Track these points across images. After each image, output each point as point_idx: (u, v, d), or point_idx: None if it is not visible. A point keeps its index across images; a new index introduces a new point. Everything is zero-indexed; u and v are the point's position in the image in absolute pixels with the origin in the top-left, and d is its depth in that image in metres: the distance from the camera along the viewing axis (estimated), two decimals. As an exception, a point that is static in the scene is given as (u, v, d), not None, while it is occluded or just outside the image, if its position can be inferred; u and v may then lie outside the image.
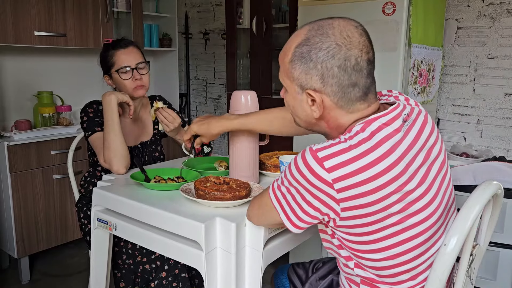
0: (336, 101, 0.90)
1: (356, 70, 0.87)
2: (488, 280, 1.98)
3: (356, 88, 0.89)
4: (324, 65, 0.87)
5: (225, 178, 1.34)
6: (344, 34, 0.87)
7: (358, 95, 0.90)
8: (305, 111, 0.95)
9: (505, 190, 1.06)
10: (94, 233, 1.42)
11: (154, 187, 1.37)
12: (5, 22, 2.34)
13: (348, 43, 0.86)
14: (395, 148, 0.85)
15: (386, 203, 0.84)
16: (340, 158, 0.83)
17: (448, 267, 0.84)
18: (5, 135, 2.36)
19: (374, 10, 2.01)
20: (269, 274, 1.61)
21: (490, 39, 2.34)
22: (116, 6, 2.95)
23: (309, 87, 0.90)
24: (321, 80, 0.88)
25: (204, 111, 3.83)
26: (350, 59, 0.86)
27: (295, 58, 0.90)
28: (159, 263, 1.44)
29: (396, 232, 0.88)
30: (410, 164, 0.87)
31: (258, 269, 1.11)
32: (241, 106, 1.38)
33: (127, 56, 1.66)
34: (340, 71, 0.87)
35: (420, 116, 0.96)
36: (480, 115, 2.42)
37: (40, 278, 2.48)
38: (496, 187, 0.89)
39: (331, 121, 0.93)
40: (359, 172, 0.82)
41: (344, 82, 0.87)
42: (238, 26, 3.24)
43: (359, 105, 0.91)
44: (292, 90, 0.95)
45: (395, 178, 0.84)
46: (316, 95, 0.90)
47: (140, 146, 1.79)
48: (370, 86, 0.91)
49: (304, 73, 0.89)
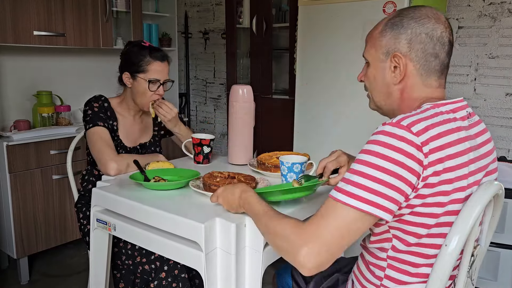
0: (418, 68, 0.96)
1: (440, 42, 0.96)
2: (488, 280, 1.97)
3: (437, 59, 0.96)
4: (414, 30, 0.95)
5: (229, 172, 1.39)
6: (433, 11, 0.97)
7: (437, 68, 0.97)
8: (385, 78, 1.00)
9: (506, 190, 1.06)
10: (93, 234, 1.41)
11: (154, 187, 1.37)
12: (4, 21, 2.33)
13: (437, 18, 0.96)
14: (461, 129, 0.91)
15: (463, 172, 0.87)
16: (423, 124, 0.86)
17: (449, 268, 0.84)
18: (4, 135, 2.36)
19: (374, 10, 2.00)
20: (269, 275, 1.60)
21: (491, 39, 2.33)
22: (115, 6, 2.94)
23: (396, 51, 0.97)
24: (409, 44, 0.96)
25: (204, 111, 3.83)
26: (437, 30, 0.95)
27: (386, 27, 0.99)
28: (159, 263, 1.44)
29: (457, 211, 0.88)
30: (473, 149, 0.92)
31: (258, 270, 1.11)
32: (239, 98, 1.65)
33: (161, 70, 1.69)
34: (427, 38, 0.95)
35: (480, 124, 1.02)
36: (481, 115, 2.41)
37: (40, 278, 2.47)
38: (497, 188, 0.89)
39: (406, 91, 0.99)
40: (442, 136, 0.86)
41: (429, 50, 0.95)
42: (238, 25, 3.24)
43: (434, 80, 0.98)
44: (375, 60, 1.01)
45: (467, 150, 0.89)
46: (401, 59, 0.96)
47: (139, 147, 1.79)
48: (447, 66, 0.99)
49: (394, 38, 0.97)
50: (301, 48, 2.34)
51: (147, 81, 1.66)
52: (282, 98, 2.99)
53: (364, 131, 2.15)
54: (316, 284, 1.24)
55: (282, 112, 2.93)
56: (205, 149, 1.66)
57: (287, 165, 1.34)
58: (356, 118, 2.13)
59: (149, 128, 1.85)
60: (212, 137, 1.68)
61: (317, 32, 2.24)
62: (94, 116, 1.66)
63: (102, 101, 1.72)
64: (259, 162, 1.57)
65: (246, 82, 3.32)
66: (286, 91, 3.02)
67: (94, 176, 1.77)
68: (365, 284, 1.03)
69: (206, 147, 1.66)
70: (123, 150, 1.73)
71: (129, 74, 1.69)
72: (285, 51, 3.02)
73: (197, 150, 1.68)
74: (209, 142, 1.67)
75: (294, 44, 2.58)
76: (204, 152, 1.67)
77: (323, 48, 2.24)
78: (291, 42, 2.84)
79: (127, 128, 1.76)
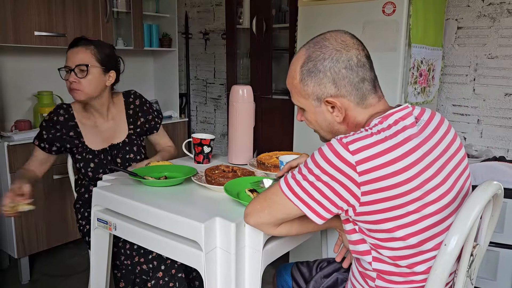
0: (353, 99, 0.98)
1: (360, 66, 0.97)
2: (488, 280, 1.97)
3: (365, 82, 0.98)
4: (332, 71, 0.96)
5: (234, 167, 1.45)
6: (338, 40, 0.98)
7: (369, 88, 0.98)
8: (327, 120, 1.02)
9: (505, 190, 1.06)
10: (94, 233, 1.42)
11: (154, 184, 1.38)
12: (5, 22, 2.34)
13: (345, 46, 0.97)
14: (412, 137, 0.91)
15: (407, 188, 0.87)
16: (363, 142, 0.88)
17: (449, 267, 0.84)
18: (5, 135, 2.36)
19: (374, 10, 2.01)
20: (269, 274, 1.61)
21: (490, 39, 2.34)
22: (116, 6, 2.95)
23: (326, 96, 0.98)
24: (334, 85, 0.97)
25: (204, 111, 3.83)
26: (352, 58, 0.96)
27: (303, 76, 0.99)
28: (156, 263, 1.44)
29: (415, 221, 0.90)
30: (427, 154, 0.91)
31: (258, 269, 1.11)
32: (239, 98, 1.67)
33: (71, 56, 1.61)
34: (347, 71, 0.96)
35: (435, 117, 1.03)
36: (480, 115, 2.42)
37: (40, 278, 2.48)
38: (496, 187, 0.89)
39: (351, 121, 1.01)
40: (381, 155, 0.87)
41: (354, 79, 0.96)
42: (238, 26, 3.24)
43: (372, 99, 0.99)
44: (310, 107, 1.02)
45: (414, 163, 0.88)
46: (334, 100, 0.98)
47: (109, 149, 1.71)
48: (375, 78, 1.01)
49: (317, 85, 0.98)
50: (301, 48, 2.34)
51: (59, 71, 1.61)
52: (282, 98, 3.00)
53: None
54: (316, 283, 1.25)
55: (282, 112, 2.93)
56: (205, 149, 1.67)
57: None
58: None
59: (123, 127, 1.76)
60: (213, 137, 1.69)
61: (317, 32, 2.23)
62: (38, 132, 1.69)
63: (60, 110, 1.69)
64: (259, 162, 1.58)
65: (246, 82, 3.32)
66: (286, 91, 3.02)
67: (85, 180, 1.76)
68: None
69: (207, 147, 1.67)
70: (90, 155, 1.67)
71: None
72: (285, 52, 3.03)
73: (197, 150, 1.69)
74: (209, 142, 1.68)
75: (294, 44, 2.58)
76: (204, 152, 1.68)
77: (323, 49, 2.24)
78: (291, 42, 2.84)
79: (92, 132, 1.70)
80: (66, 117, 1.69)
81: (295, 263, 1.39)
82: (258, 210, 1.01)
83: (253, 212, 1.02)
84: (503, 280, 1.95)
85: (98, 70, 1.62)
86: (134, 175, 1.43)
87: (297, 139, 2.39)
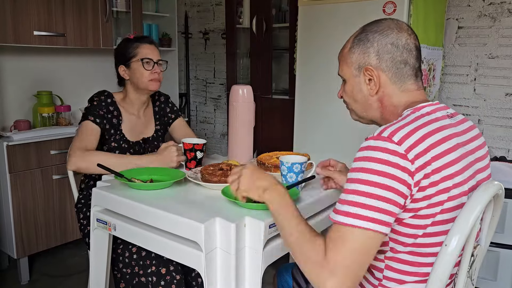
0: (391, 76, 1.01)
1: (406, 49, 1.00)
2: (488, 280, 1.97)
3: (407, 66, 1.01)
4: (379, 42, 1.00)
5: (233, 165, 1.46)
6: (394, 22, 1.03)
7: (409, 73, 1.01)
8: (362, 92, 1.05)
9: (505, 190, 1.05)
10: (93, 234, 1.41)
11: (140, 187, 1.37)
12: (4, 22, 2.33)
13: (399, 27, 1.02)
14: (448, 127, 0.93)
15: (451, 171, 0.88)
16: (404, 130, 0.88)
17: (449, 268, 0.84)
18: (5, 135, 2.36)
19: (374, 10, 2.00)
20: (269, 275, 1.60)
21: (490, 39, 2.34)
22: (115, 6, 2.94)
23: (366, 64, 1.02)
24: (377, 56, 1.01)
25: (204, 111, 3.83)
26: (401, 38, 1.00)
27: (354, 44, 1.04)
28: (155, 278, 1.42)
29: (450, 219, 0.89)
30: (461, 145, 0.93)
31: (258, 270, 1.11)
32: (239, 98, 1.66)
33: (151, 51, 1.74)
34: (393, 47, 1.00)
35: (467, 122, 1.04)
36: (481, 115, 2.41)
37: (40, 278, 2.47)
38: (497, 188, 0.89)
39: (385, 100, 1.03)
40: (425, 139, 0.87)
41: (397, 57, 1.00)
42: (238, 25, 3.24)
43: (410, 84, 1.02)
44: (350, 76, 1.06)
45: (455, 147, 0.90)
46: (373, 71, 1.01)
47: (142, 142, 1.81)
48: (419, 69, 1.03)
49: (362, 53, 1.02)
50: (301, 48, 2.34)
51: (140, 61, 1.70)
52: (282, 98, 2.99)
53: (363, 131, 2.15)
54: None
55: (282, 112, 2.93)
56: (198, 154, 1.60)
57: (287, 165, 1.34)
58: (356, 118, 2.13)
59: (152, 123, 1.87)
60: (205, 141, 1.63)
61: (317, 32, 2.24)
62: (88, 111, 1.69)
63: (105, 96, 1.74)
64: (259, 162, 1.58)
65: (246, 82, 3.32)
66: (286, 91, 3.02)
67: (93, 178, 1.76)
68: (365, 284, 1.03)
69: (199, 152, 1.60)
70: (126, 144, 1.74)
71: (123, 66, 1.74)
72: (285, 51, 3.02)
73: (189, 156, 1.59)
74: (202, 147, 1.61)
75: (294, 44, 2.58)
76: (197, 157, 1.60)
77: (323, 48, 2.24)
78: (291, 42, 2.83)
79: (130, 123, 1.78)
80: (109, 102, 1.74)
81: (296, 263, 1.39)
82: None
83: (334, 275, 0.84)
84: (504, 280, 1.94)
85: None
86: (120, 176, 1.41)
87: (297, 139, 2.39)
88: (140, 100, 1.80)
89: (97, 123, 1.66)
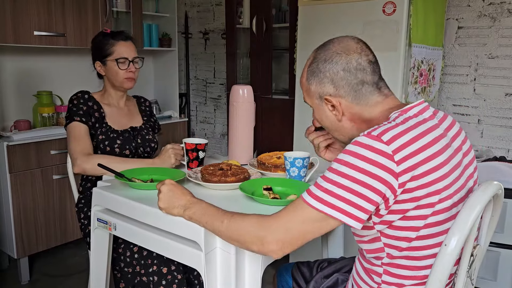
0: (351, 100, 1.01)
1: (359, 70, 1.00)
2: (488, 280, 1.97)
3: (365, 85, 1.00)
4: (331, 72, 1.01)
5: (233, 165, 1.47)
6: (342, 44, 1.02)
7: (369, 90, 1.01)
8: (329, 118, 1.06)
9: (505, 190, 1.06)
10: (94, 233, 1.41)
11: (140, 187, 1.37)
12: (4, 22, 2.34)
13: (346, 50, 1.01)
14: (434, 128, 0.94)
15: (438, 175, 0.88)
16: (394, 131, 0.88)
17: (449, 268, 0.84)
18: (5, 135, 2.36)
19: (374, 10, 2.00)
20: (269, 274, 1.60)
21: (490, 39, 2.34)
22: (115, 6, 2.94)
23: (325, 94, 1.03)
24: (333, 85, 1.01)
25: (204, 111, 3.83)
26: (351, 61, 1.00)
27: (308, 75, 1.05)
28: (156, 278, 1.42)
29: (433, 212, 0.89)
30: (447, 147, 0.93)
31: (258, 270, 1.11)
32: (239, 98, 1.67)
33: (126, 49, 1.75)
34: (345, 73, 1.00)
35: (448, 117, 1.05)
36: (481, 115, 2.41)
37: (40, 278, 2.48)
38: (496, 188, 0.89)
39: (356, 118, 1.03)
40: (414, 141, 0.88)
41: (352, 81, 1.00)
42: (238, 26, 3.24)
43: (376, 97, 1.01)
44: (314, 105, 1.08)
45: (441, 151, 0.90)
46: (333, 99, 1.02)
47: (131, 130, 1.81)
48: (379, 81, 1.02)
49: (319, 84, 1.03)
50: (301, 48, 2.34)
51: (115, 61, 1.72)
52: (282, 98, 2.99)
53: (364, 131, 2.15)
54: (316, 283, 1.25)
55: (282, 112, 2.93)
56: (200, 154, 1.59)
57: (289, 160, 1.41)
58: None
59: (137, 115, 1.90)
60: (207, 141, 1.62)
61: (317, 32, 2.24)
62: (71, 111, 1.70)
63: (82, 93, 1.76)
64: (259, 162, 1.58)
65: (246, 82, 3.32)
66: (286, 91, 3.02)
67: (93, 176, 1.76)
68: (364, 287, 1.03)
69: (202, 152, 1.60)
70: (114, 134, 1.75)
71: (99, 63, 1.77)
72: (285, 51, 3.02)
73: (191, 156, 1.59)
74: (204, 147, 1.60)
75: (294, 44, 2.58)
76: (199, 157, 1.60)
77: (323, 48, 2.24)
78: (291, 42, 2.83)
79: (113, 114, 1.80)
80: (87, 98, 1.76)
81: (296, 263, 1.39)
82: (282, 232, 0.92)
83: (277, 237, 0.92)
84: (504, 280, 1.94)
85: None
86: (121, 176, 1.41)
87: (297, 139, 2.39)
88: (118, 95, 1.83)
89: (84, 122, 1.68)
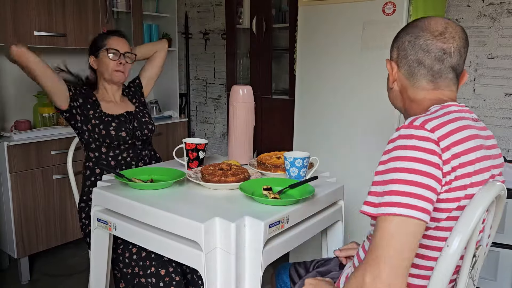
0: (403, 73, 1.03)
1: (422, 49, 0.98)
2: (488, 280, 1.97)
3: (421, 66, 1.00)
4: (401, 39, 1.03)
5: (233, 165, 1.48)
6: (427, 21, 1.00)
7: (422, 73, 1.00)
8: (388, 77, 1.09)
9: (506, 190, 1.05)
10: (94, 233, 1.41)
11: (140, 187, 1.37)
12: (5, 22, 2.34)
13: (425, 27, 0.99)
14: (473, 126, 0.93)
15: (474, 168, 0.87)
16: (435, 122, 0.87)
17: (451, 268, 0.83)
18: (5, 135, 2.36)
19: (374, 10, 2.00)
20: (269, 274, 1.60)
21: (490, 39, 2.34)
22: (116, 6, 2.94)
23: (391, 58, 1.08)
24: (397, 51, 1.05)
25: (204, 111, 3.83)
26: (420, 38, 0.98)
27: None
28: (154, 279, 1.42)
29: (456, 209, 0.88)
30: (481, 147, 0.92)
31: (258, 269, 1.11)
32: (239, 98, 1.68)
33: (119, 42, 1.80)
34: (409, 45, 1.01)
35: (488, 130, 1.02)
36: (480, 115, 2.41)
37: (40, 278, 2.47)
38: (499, 188, 0.89)
39: (403, 92, 1.05)
40: (454, 132, 0.87)
41: (410, 56, 1.01)
42: (238, 26, 3.24)
43: (425, 83, 1.01)
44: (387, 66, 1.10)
45: (479, 147, 0.90)
46: (392, 63, 1.06)
47: (126, 114, 1.83)
48: (441, 72, 0.99)
49: (392, 47, 1.07)
50: (301, 48, 2.34)
51: (105, 51, 1.76)
52: (282, 98, 2.99)
53: (363, 131, 2.16)
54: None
55: (282, 112, 2.93)
56: (200, 154, 1.58)
57: (289, 160, 1.41)
58: (356, 118, 2.13)
59: (129, 104, 1.92)
60: (207, 141, 1.62)
61: (317, 32, 2.24)
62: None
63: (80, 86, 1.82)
64: (259, 162, 1.58)
65: (246, 82, 3.32)
66: (286, 91, 3.02)
67: (95, 176, 1.76)
68: None
69: (202, 152, 1.59)
70: (109, 118, 1.76)
71: (93, 57, 1.82)
72: (285, 52, 3.02)
73: (192, 156, 1.57)
74: (205, 147, 1.60)
75: (294, 44, 2.58)
76: (199, 157, 1.59)
77: (323, 48, 2.24)
78: (291, 42, 2.83)
79: (109, 106, 1.82)
80: (86, 88, 1.82)
81: (293, 263, 1.40)
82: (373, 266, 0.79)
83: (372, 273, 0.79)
84: (504, 280, 1.94)
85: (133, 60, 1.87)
86: (121, 176, 1.41)
87: (297, 139, 2.39)
88: (113, 89, 1.85)
89: (69, 89, 1.73)
